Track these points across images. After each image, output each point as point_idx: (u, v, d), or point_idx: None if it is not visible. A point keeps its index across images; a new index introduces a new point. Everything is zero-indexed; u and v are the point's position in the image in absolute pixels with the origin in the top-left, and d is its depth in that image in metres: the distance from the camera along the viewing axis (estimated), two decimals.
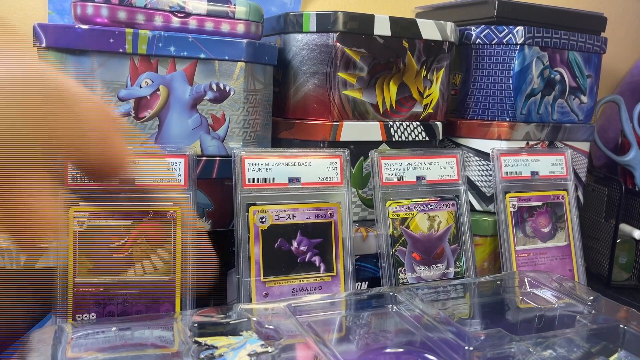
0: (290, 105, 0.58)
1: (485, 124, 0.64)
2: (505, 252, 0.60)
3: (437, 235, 0.57)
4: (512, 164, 0.62)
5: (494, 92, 0.64)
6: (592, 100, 0.69)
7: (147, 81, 0.49)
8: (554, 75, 0.65)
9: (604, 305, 0.49)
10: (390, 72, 0.58)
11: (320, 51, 0.55)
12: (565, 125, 0.67)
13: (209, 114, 0.51)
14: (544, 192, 0.63)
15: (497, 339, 0.40)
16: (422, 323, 0.44)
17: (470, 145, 0.65)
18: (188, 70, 0.49)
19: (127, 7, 0.48)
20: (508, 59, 0.62)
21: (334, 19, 0.54)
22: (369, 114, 0.58)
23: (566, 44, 0.65)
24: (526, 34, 0.61)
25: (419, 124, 0.60)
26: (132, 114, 0.49)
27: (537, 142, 0.65)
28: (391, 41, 0.57)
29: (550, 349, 0.41)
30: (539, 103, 0.65)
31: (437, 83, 0.61)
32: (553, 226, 0.63)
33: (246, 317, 0.43)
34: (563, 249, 0.63)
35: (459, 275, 0.57)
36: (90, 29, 0.47)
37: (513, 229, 0.60)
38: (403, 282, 0.54)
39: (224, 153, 0.52)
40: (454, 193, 0.58)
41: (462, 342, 0.40)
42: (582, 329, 0.45)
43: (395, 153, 0.57)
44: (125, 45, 0.47)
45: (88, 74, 0.47)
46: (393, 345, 0.44)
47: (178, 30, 0.49)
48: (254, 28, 0.52)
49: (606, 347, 0.44)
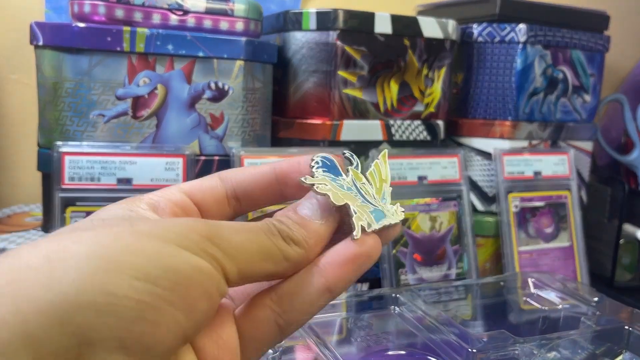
0: (290, 104, 0.57)
1: (488, 123, 0.64)
2: (508, 253, 0.59)
3: (438, 235, 0.56)
4: (515, 163, 0.61)
5: (496, 91, 0.63)
6: (595, 99, 0.69)
7: (144, 80, 0.48)
8: (557, 73, 0.65)
9: (608, 306, 0.48)
10: (391, 70, 0.57)
11: (320, 49, 0.55)
12: (568, 124, 0.66)
13: (207, 113, 0.50)
14: (546, 192, 0.63)
15: (500, 340, 0.39)
16: (425, 324, 0.44)
17: (472, 144, 0.65)
18: (186, 69, 0.49)
19: (125, 5, 0.47)
20: (510, 57, 0.62)
21: (334, 17, 0.54)
22: (369, 113, 0.57)
23: (569, 43, 0.64)
24: (529, 32, 0.61)
25: (420, 123, 0.60)
26: (130, 113, 0.48)
27: (539, 142, 0.65)
28: (392, 39, 0.56)
29: (555, 351, 0.40)
30: (541, 102, 0.64)
31: (438, 82, 0.61)
32: (556, 226, 0.62)
33: None
34: (566, 249, 0.62)
35: (460, 276, 0.56)
36: (88, 27, 0.46)
37: (515, 230, 0.60)
38: (404, 283, 0.54)
39: (222, 152, 0.51)
40: (456, 193, 0.58)
41: (465, 344, 0.39)
42: (587, 331, 0.45)
43: (396, 153, 0.56)
44: (122, 44, 0.47)
45: (85, 73, 0.47)
46: (395, 347, 0.43)
47: (176, 28, 0.49)
48: (253, 26, 0.52)
49: (611, 348, 0.43)
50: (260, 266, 0.20)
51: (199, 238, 0.18)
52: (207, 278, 0.18)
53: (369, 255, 0.21)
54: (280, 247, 0.20)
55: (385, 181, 0.23)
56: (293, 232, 0.21)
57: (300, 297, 0.21)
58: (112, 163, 0.47)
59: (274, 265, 0.20)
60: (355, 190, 0.22)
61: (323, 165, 0.22)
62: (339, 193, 0.21)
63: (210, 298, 0.18)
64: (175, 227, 0.18)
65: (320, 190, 0.21)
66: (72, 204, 0.46)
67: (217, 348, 0.20)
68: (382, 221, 0.21)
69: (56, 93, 0.47)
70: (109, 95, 0.48)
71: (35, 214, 0.64)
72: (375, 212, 0.22)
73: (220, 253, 0.19)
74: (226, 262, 0.19)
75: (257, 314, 0.21)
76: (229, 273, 0.19)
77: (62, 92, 0.47)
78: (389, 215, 0.22)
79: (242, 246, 0.19)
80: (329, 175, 0.21)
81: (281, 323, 0.21)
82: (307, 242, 0.21)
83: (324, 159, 0.22)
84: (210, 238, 0.19)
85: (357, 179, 0.22)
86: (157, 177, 0.48)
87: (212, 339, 0.20)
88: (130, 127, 0.49)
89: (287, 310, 0.21)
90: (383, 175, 0.23)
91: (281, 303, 0.21)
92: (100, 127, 0.48)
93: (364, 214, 0.21)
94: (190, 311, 0.17)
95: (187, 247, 0.18)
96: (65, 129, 0.48)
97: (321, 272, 0.21)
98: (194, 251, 0.18)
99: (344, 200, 0.21)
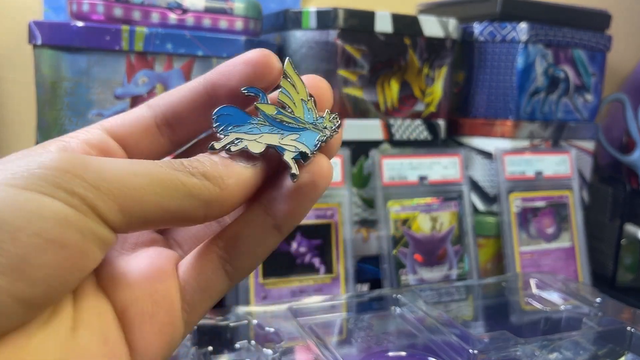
0: None
1: (489, 122, 0.63)
2: (509, 253, 0.59)
3: (439, 236, 0.56)
4: (516, 163, 0.61)
5: (497, 90, 0.63)
6: (596, 99, 0.69)
7: (143, 79, 0.48)
8: (558, 73, 0.64)
9: (610, 307, 0.48)
10: (391, 69, 0.57)
11: (320, 48, 0.55)
12: (569, 124, 0.66)
13: None
14: (548, 192, 0.62)
15: (501, 341, 0.39)
16: (425, 325, 0.43)
17: (473, 144, 0.64)
18: (185, 68, 0.49)
19: (124, 4, 0.47)
20: (511, 56, 0.62)
21: (334, 16, 0.53)
22: (370, 112, 0.57)
23: (570, 42, 0.64)
24: (530, 32, 0.60)
25: (421, 122, 0.59)
26: None
27: (541, 141, 0.64)
28: (392, 38, 0.56)
29: (556, 352, 0.40)
30: (542, 101, 0.64)
31: (439, 81, 0.60)
32: (557, 227, 0.62)
33: (246, 319, 0.42)
34: (567, 249, 0.62)
35: (461, 277, 0.56)
36: (86, 26, 0.46)
37: (517, 230, 0.60)
38: (405, 283, 0.53)
39: None
40: (457, 193, 0.58)
41: (466, 345, 0.39)
42: (588, 331, 0.44)
43: (396, 152, 0.56)
44: (121, 43, 0.46)
45: (84, 72, 0.47)
46: (396, 348, 0.43)
47: (175, 27, 0.48)
48: (253, 25, 0.51)
49: (613, 349, 0.43)
50: (155, 202, 0.16)
51: (54, 173, 0.15)
52: (61, 224, 0.14)
53: (313, 182, 0.19)
54: (182, 180, 0.17)
55: (301, 94, 0.20)
56: (206, 167, 0.18)
57: (246, 239, 0.19)
58: None
59: (174, 202, 0.17)
60: (272, 125, 0.20)
61: (225, 121, 0.19)
62: (255, 140, 0.19)
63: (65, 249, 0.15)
64: (18, 165, 0.15)
65: (235, 150, 0.19)
66: None
67: (151, 303, 0.18)
68: (317, 140, 0.20)
69: (55, 92, 0.47)
70: (108, 94, 0.47)
71: None
72: (305, 135, 0.20)
73: (91, 188, 0.15)
74: (100, 201, 0.15)
75: (203, 263, 0.19)
76: (109, 214, 0.15)
77: (61, 92, 0.47)
78: (320, 130, 0.20)
79: (124, 178, 0.16)
80: (237, 127, 0.19)
81: (229, 270, 0.19)
82: (224, 180, 0.18)
83: (222, 112, 0.19)
84: (73, 171, 0.15)
85: (269, 110, 0.20)
86: None
87: (146, 293, 0.18)
88: None
89: (234, 255, 0.19)
90: (297, 89, 0.20)
91: (227, 248, 0.19)
92: None
93: (291, 146, 0.19)
94: (23, 272, 0.14)
95: (28, 187, 0.14)
96: (64, 129, 0.47)
97: (265, 209, 0.19)
98: (41, 190, 0.15)
99: (263, 144, 0.19)
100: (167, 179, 0.17)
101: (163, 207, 0.17)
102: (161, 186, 0.16)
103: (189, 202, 0.17)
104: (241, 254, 0.19)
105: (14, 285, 0.14)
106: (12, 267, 0.14)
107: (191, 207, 0.17)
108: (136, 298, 0.18)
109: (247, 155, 0.19)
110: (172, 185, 0.17)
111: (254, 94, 0.20)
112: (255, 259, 0.20)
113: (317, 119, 0.20)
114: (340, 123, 0.20)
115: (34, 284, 0.14)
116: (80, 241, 0.15)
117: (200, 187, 0.17)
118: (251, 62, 0.20)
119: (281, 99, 0.20)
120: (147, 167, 0.17)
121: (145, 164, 0.17)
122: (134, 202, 0.16)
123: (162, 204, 0.16)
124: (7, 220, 0.14)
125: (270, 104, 0.20)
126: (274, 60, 0.20)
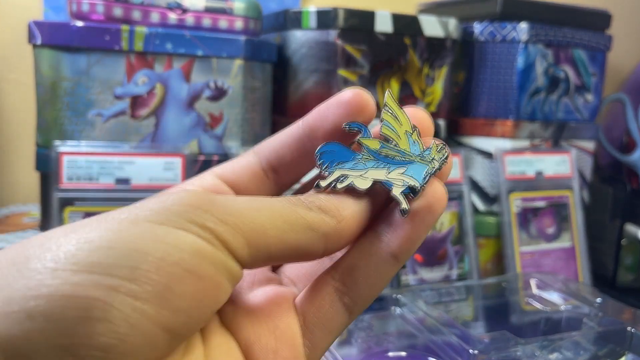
0: (289, 103, 0.57)
1: (489, 122, 0.63)
2: (509, 254, 0.59)
3: (439, 236, 0.56)
4: (516, 163, 0.61)
5: (498, 90, 0.63)
6: (596, 99, 0.68)
7: (143, 79, 0.48)
8: (559, 73, 0.64)
9: (610, 307, 0.48)
10: (391, 69, 0.57)
11: (320, 48, 0.54)
12: (569, 124, 0.66)
13: (206, 112, 0.50)
14: (548, 192, 0.62)
15: (502, 341, 0.39)
16: (426, 325, 0.43)
17: (473, 144, 0.64)
18: (185, 68, 0.48)
19: (123, 4, 0.47)
20: (512, 56, 0.61)
21: (334, 16, 0.53)
22: None
23: (571, 42, 0.64)
24: (530, 31, 0.60)
25: None
26: (128, 112, 0.48)
27: (541, 141, 0.64)
28: (393, 38, 0.56)
29: (557, 352, 0.40)
30: (543, 101, 0.64)
31: (439, 81, 0.60)
32: (557, 227, 0.62)
33: None
34: (568, 250, 0.62)
35: (462, 277, 0.56)
36: (86, 25, 0.46)
37: (517, 230, 0.59)
38: (405, 283, 0.53)
39: (221, 152, 0.51)
40: (457, 193, 0.58)
41: (467, 345, 0.39)
42: (589, 332, 0.44)
43: None
44: (121, 42, 0.46)
45: (83, 72, 0.47)
46: (396, 348, 0.43)
47: (175, 27, 0.48)
48: (253, 25, 0.51)
49: (613, 349, 0.43)
50: (278, 237, 0.17)
51: (186, 208, 0.16)
52: (197, 256, 0.15)
53: (429, 206, 0.19)
54: (301, 214, 0.17)
55: (404, 126, 0.20)
56: (322, 200, 0.18)
57: (363, 269, 0.19)
58: (111, 163, 0.46)
59: (295, 236, 0.17)
60: (378, 160, 0.19)
61: (329, 158, 0.19)
62: (361, 175, 0.19)
63: (201, 280, 0.15)
64: (153, 203, 0.16)
65: (341, 187, 0.19)
66: (70, 204, 0.45)
67: (274, 339, 0.18)
68: (425, 173, 0.19)
69: (54, 92, 0.47)
70: (108, 94, 0.47)
71: (33, 214, 0.63)
72: (413, 167, 0.19)
73: (220, 223, 0.16)
74: (229, 235, 0.16)
75: (320, 296, 0.19)
76: (237, 248, 0.16)
77: (61, 92, 0.47)
78: (428, 162, 0.19)
79: (248, 213, 0.16)
80: (341, 164, 0.19)
81: (347, 302, 0.19)
82: (340, 212, 0.18)
83: (325, 149, 0.19)
84: (203, 207, 0.16)
85: (373, 145, 0.19)
86: (156, 177, 0.47)
87: (268, 330, 0.18)
88: (129, 126, 0.48)
89: (351, 286, 0.19)
90: (400, 121, 0.20)
91: (343, 279, 0.19)
92: (98, 127, 0.48)
93: (399, 180, 0.19)
94: (167, 300, 0.14)
95: (164, 222, 0.15)
96: (64, 129, 0.47)
97: (381, 237, 0.19)
98: (175, 224, 0.15)
99: (369, 180, 0.19)
100: (287, 213, 0.17)
101: (284, 242, 0.17)
102: (282, 220, 0.17)
103: (309, 235, 0.17)
104: (358, 285, 0.19)
105: (160, 313, 0.14)
106: (158, 295, 0.14)
107: (311, 241, 0.18)
108: (260, 335, 0.18)
109: (353, 192, 0.19)
110: (292, 219, 0.17)
111: (356, 129, 0.20)
112: (373, 289, 0.19)
113: (424, 151, 0.20)
114: (448, 154, 0.20)
115: (177, 312, 0.15)
116: (214, 273, 0.15)
117: (318, 220, 0.18)
118: (344, 103, 0.20)
119: (384, 132, 0.20)
120: (268, 202, 0.17)
121: (266, 200, 0.17)
122: (258, 237, 0.16)
123: (283, 238, 0.17)
124: (149, 252, 0.14)
125: (373, 138, 0.20)
126: (367, 98, 0.20)
